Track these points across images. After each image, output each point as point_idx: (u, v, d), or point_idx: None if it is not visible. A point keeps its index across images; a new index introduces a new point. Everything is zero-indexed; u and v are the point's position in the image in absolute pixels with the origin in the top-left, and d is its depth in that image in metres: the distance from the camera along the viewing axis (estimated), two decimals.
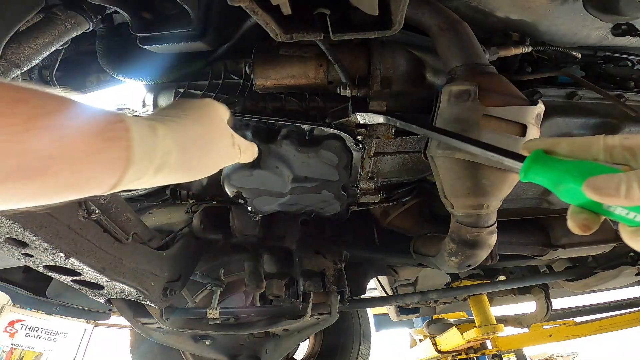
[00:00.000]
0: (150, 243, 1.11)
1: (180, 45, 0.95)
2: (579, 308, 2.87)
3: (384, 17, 0.72)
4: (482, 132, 0.78)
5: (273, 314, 1.35)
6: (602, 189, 0.42)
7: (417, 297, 1.85)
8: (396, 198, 1.33)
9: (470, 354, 3.62)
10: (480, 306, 2.83)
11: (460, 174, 0.86)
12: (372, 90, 0.97)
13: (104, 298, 1.08)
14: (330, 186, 1.11)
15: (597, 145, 0.47)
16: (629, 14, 0.90)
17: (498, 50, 0.99)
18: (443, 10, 0.90)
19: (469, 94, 0.80)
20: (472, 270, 2.19)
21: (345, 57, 0.98)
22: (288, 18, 0.72)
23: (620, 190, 0.40)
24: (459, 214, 0.93)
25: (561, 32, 1.06)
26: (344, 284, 1.33)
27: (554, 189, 0.47)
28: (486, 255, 1.03)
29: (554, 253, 1.45)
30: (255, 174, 1.05)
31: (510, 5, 0.98)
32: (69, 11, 0.84)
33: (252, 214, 1.22)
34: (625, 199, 0.40)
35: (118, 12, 0.91)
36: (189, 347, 1.52)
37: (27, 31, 0.79)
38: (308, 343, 2.54)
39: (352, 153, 1.01)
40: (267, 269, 1.50)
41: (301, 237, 1.44)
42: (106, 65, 1.03)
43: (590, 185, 0.42)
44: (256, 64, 0.98)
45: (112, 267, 0.93)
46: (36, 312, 5.15)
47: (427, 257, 1.27)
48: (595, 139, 0.47)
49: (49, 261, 0.83)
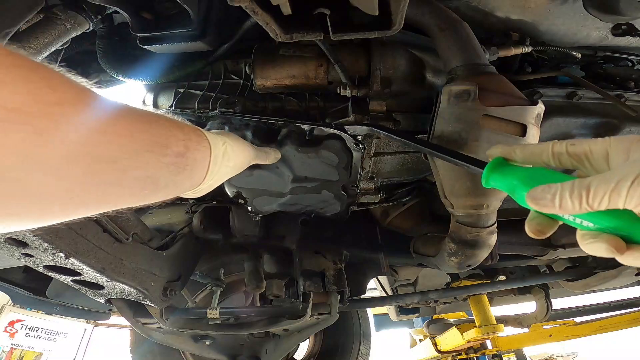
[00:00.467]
0: (150, 243, 1.11)
1: (180, 45, 0.95)
2: (579, 308, 2.86)
3: (384, 17, 0.72)
4: (482, 132, 0.78)
5: (273, 314, 1.35)
6: (538, 200, 0.43)
7: (417, 297, 1.85)
8: (396, 198, 1.33)
9: (470, 354, 3.62)
10: (480, 306, 2.83)
11: (460, 174, 0.86)
12: (372, 90, 0.97)
13: (104, 298, 1.08)
14: (330, 186, 1.11)
15: (547, 152, 0.49)
16: (629, 14, 0.90)
17: (498, 50, 0.99)
18: (443, 10, 0.90)
19: (469, 94, 0.80)
20: (472, 270, 2.19)
21: (345, 57, 0.98)
22: (288, 18, 0.72)
23: (554, 200, 0.42)
24: (459, 214, 0.93)
25: (561, 32, 1.06)
26: (344, 284, 1.33)
27: (512, 195, 0.48)
28: (486, 255, 1.03)
29: (554, 253, 1.45)
30: (255, 174, 1.05)
31: (510, 5, 0.98)
32: (69, 11, 0.85)
33: (252, 214, 1.22)
34: (559, 209, 0.42)
35: (118, 12, 0.91)
36: (189, 347, 1.52)
37: (27, 31, 0.79)
38: (308, 343, 2.54)
39: (352, 153, 1.01)
40: (267, 269, 1.50)
41: (301, 237, 1.44)
42: (106, 65, 1.03)
43: (530, 196, 0.44)
44: (256, 64, 0.98)
45: (112, 267, 0.93)
46: (36, 312, 5.15)
47: (427, 257, 1.27)
48: (545, 145, 0.49)
49: (49, 261, 0.83)
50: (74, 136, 0.32)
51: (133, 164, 0.40)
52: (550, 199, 0.43)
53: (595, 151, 0.46)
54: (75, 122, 0.33)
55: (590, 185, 0.41)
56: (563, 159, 0.48)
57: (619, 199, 0.39)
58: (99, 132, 0.35)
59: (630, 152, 0.42)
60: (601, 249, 0.40)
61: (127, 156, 0.39)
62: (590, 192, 0.40)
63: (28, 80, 0.29)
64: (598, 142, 0.45)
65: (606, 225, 0.41)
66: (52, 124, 0.30)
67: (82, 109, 0.34)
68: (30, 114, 0.29)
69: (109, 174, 0.37)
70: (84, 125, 0.34)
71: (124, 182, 0.40)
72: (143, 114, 0.43)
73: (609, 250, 0.40)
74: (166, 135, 0.46)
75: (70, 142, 0.32)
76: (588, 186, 0.41)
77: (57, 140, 0.31)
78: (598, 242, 0.41)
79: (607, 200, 0.39)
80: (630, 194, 0.38)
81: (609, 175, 0.40)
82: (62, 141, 0.31)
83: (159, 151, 0.44)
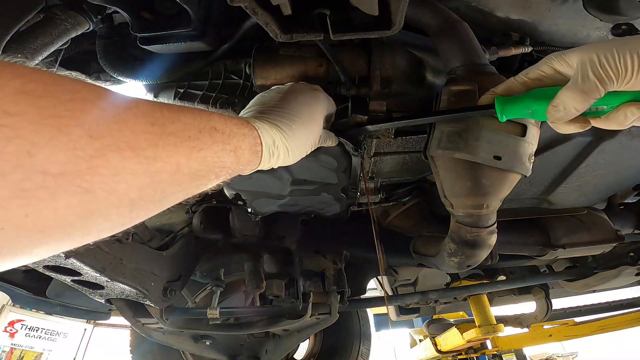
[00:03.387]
0: (150, 243, 1.11)
1: (180, 45, 0.95)
2: (579, 308, 2.86)
3: (384, 17, 0.72)
4: (483, 131, 0.78)
5: (273, 314, 1.35)
6: (556, 118, 0.58)
7: (417, 297, 1.85)
8: (396, 198, 1.33)
9: (470, 354, 3.62)
10: (480, 306, 2.83)
11: (460, 174, 0.86)
12: (372, 90, 0.97)
13: (104, 298, 1.08)
14: (329, 189, 1.11)
15: (522, 83, 0.64)
16: (629, 14, 0.90)
17: (498, 50, 0.99)
18: (443, 10, 0.90)
19: (469, 94, 0.80)
20: (472, 270, 2.19)
21: (345, 57, 0.98)
22: (288, 18, 0.72)
23: (568, 109, 0.56)
24: (459, 214, 0.93)
25: (561, 32, 1.06)
26: (344, 284, 1.33)
27: (531, 116, 0.63)
28: (486, 255, 1.02)
29: (554, 253, 1.45)
30: (254, 177, 1.05)
31: (510, 5, 0.98)
32: (69, 11, 0.84)
33: (252, 214, 1.22)
34: (575, 112, 0.56)
35: (118, 12, 0.91)
36: (189, 347, 1.52)
37: (27, 31, 0.79)
38: (308, 343, 2.54)
39: (352, 157, 1.01)
40: (267, 269, 1.50)
41: (301, 237, 1.44)
42: (106, 65, 1.03)
43: (550, 121, 0.60)
44: (256, 64, 0.98)
45: (112, 267, 0.93)
46: (36, 312, 5.15)
47: (427, 257, 1.27)
48: (511, 81, 0.66)
49: (49, 261, 0.83)
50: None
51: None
52: (563, 110, 0.56)
53: (546, 69, 0.60)
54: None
55: (581, 86, 0.53)
56: (531, 84, 0.63)
57: (608, 84, 0.52)
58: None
59: (567, 58, 0.56)
60: (631, 111, 0.54)
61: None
62: (584, 90, 0.53)
63: (68, 141, 0.28)
64: (541, 65, 0.60)
65: (619, 100, 0.55)
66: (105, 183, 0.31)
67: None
68: (76, 173, 0.28)
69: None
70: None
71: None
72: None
73: (634, 111, 0.54)
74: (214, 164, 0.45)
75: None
76: (580, 88, 0.53)
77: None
78: (622, 110, 0.55)
79: (602, 88, 0.52)
80: (609, 77, 0.52)
81: (583, 74, 0.53)
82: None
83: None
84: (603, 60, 0.50)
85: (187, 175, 0.39)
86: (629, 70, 0.49)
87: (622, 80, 0.50)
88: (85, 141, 0.28)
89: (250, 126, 0.53)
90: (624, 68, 0.50)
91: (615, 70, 0.50)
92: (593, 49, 0.52)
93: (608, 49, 0.51)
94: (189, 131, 0.40)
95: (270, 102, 0.64)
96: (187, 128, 0.40)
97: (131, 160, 0.32)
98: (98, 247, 0.89)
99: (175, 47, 0.95)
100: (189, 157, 0.39)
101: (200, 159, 0.41)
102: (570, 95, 0.54)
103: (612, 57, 0.50)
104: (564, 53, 0.56)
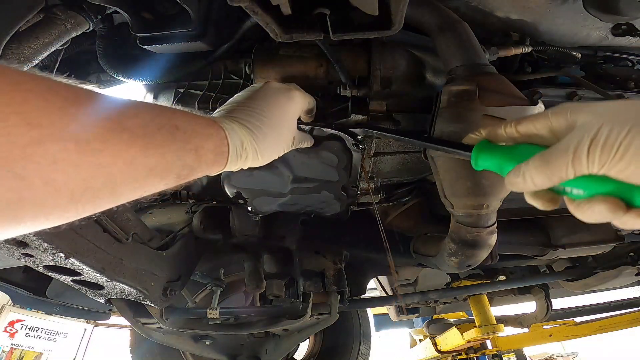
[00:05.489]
0: (150, 243, 1.11)
1: (180, 45, 0.95)
2: (579, 308, 2.86)
3: (384, 17, 0.72)
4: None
5: (273, 314, 1.35)
6: (512, 183, 0.48)
7: (417, 297, 1.85)
8: (396, 198, 1.33)
9: (470, 354, 3.61)
10: (480, 306, 2.83)
11: (460, 174, 0.86)
12: (372, 90, 0.97)
13: (104, 298, 1.08)
14: (330, 187, 1.11)
15: (509, 133, 0.54)
16: (629, 14, 0.90)
17: (498, 50, 0.99)
18: (443, 10, 0.90)
19: (469, 94, 0.80)
20: (472, 270, 2.19)
21: (345, 57, 0.98)
22: (288, 18, 0.72)
23: (526, 181, 0.46)
24: (459, 214, 0.93)
25: (561, 32, 1.06)
26: (344, 284, 1.33)
27: (501, 173, 0.53)
28: (486, 255, 1.02)
29: (554, 253, 1.45)
30: (255, 175, 1.05)
31: (510, 5, 0.98)
32: (69, 11, 0.84)
33: (252, 214, 1.22)
34: (534, 187, 0.45)
35: (118, 12, 0.91)
36: (189, 347, 1.52)
37: (27, 31, 0.79)
38: (308, 343, 2.54)
39: (352, 154, 1.01)
40: (267, 269, 1.50)
41: (301, 237, 1.44)
42: (106, 65, 1.03)
43: (506, 182, 0.49)
44: (256, 64, 0.98)
45: (112, 267, 0.92)
46: (36, 312, 5.15)
47: (427, 257, 1.27)
48: (504, 125, 0.55)
49: (49, 261, 0.83)
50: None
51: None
52: (521, 180, 0.46)
53: (540, 127, 0.49)
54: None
55: (549, 158, 0.43)
56: (519, 139, 0.53)
57: (582, 167, 0.40)
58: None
59: (570, 117, 0.44)
60: (601, 210, 0.39)
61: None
62: (550, 166, 0.43)
63: (3, 127, 0.29)
64: (539, 118, 0.49)
65: (596, 189, 0.41)
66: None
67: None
68: (6, 159, 0.29)
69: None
70: None
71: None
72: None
73: (610, 209, 0.39)
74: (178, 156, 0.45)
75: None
76: (548, 160, 0.43)
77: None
78: (595, 204, 0.40)
79: (572, 170, 0.41)
80: (590, 160, 0.39)
81: (563, 146, 0.42)
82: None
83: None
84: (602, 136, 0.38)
85: (143, 172, 0.40)
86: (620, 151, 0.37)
87: (610, 162, 0.38)
88: (23, 129, 0.29)
89: (217, 126, 0.52)
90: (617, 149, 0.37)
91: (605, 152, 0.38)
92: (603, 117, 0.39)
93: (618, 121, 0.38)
94: (146, 128, 0.40)
95: (241, 101, 0.63)
96: (145, 124, 0.40)
97: (72, 152, 0.32)
98: (98, 247, 0.89)
99: (175, 47, 0.95)
100: (144, 154, 0.39)
101: (158, 155, 0.41)
102: (535, 164, 0.44)
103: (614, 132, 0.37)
104: (573, 110, 0.44)
